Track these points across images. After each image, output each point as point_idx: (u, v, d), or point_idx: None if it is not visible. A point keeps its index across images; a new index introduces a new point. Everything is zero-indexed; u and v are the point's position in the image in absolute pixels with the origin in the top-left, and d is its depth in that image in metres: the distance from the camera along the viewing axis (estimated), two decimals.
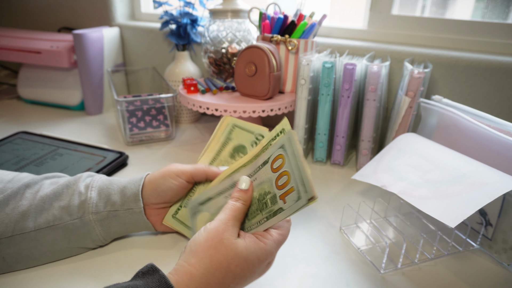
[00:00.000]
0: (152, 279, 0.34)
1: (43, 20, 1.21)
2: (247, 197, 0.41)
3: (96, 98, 1.03)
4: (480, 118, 0.57)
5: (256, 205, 0.41)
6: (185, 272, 0.35)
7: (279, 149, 0.40)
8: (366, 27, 0.90)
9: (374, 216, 0.60)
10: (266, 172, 0.41)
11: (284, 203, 0.38)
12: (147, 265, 0.36)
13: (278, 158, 0.40)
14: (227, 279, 0.36)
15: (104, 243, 0.50)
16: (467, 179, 0.49)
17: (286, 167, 0.39)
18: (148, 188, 0.49)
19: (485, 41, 0.79)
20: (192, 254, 0.36)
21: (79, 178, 0.49)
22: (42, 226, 0.45)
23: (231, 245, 0.36)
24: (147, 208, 0.50)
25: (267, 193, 0.40)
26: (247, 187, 0.41)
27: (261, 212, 0.40)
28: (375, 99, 0.69)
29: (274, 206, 0.39)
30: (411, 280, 0.47)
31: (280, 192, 0.39)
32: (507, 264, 0.50)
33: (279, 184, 0.39)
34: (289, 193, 0.38)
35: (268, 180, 0.40)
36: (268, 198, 0.40)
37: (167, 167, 0.49)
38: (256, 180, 0.42)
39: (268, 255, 0.38)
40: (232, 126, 0.53)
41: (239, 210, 0.40)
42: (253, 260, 0.37)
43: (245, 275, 0.37)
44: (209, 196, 0.46)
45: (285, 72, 0.80)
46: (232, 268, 0.36)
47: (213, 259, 0.35)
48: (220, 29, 0.85)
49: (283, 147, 0.40)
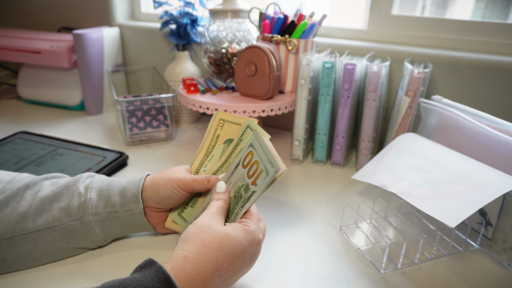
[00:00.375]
0: (150, 271, 0.34)
1: (43, 20, 1.21)
2: (225, 197, 0.45)
3: (96, 98, 1.03)
4: (480, 118, 0.57)
5: (233, 202, 0.45)
6: (179, 257, 0.36)
7: (248, 148, 0.44)
8: (366, 27, 0.90)
9: (374, 216, 0.60)
10: (238, 172, 0.45)
11: (256, 186, 0.41)
12: (145, 260, 0.36)
13: (248, 155, 0.44)
14: (220, 258, 0.37)
15: (104, 243, 0.50)
16: (467, 179, 0.49)
17: (255, 158, 0.43)
18: (148, 191, 0.49)
19: (485, 41, 0.79)
20: (184, 242, 0.38)
21: (79, 179, 0.49)
22: (41, 227, 0.45)
23: (220, 228, 0.39)
24: (147, 209, 0.49)
25: (240, 187, 0.44)
26: (223, 190, 0.45)
27: (237, 204, 0.44)
28: (375, 99, 0.69)
29: (248, 193, 0.42)
30: (411, 280, 0.47)
31: (251, 180, 0.42)
32: (507, 264, 0.50)
33: (249, 174, 0.42)
34: (259, 176, 0.41)
35: (241, 176, 0.44)
36: (242, 190, 0.43)
37: (170, 174, 0.49)
38: (231, 183, 0.46)
39: (254, 233, 0.41)
40: (219, 120, 0.53)
41: (221, 206, 0.43)
42: (242, 239, 0.39)
43: (237, 254, 0.38)
44: (195, 216, 0.48)
45: (285, 72, 0.80)
46: (223, 247, 0.37)
47: (205, 240, 0.38)
48: (220, 29, 0.85)
49: (251, 145, 0.44)
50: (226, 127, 0.53)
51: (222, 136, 0.53)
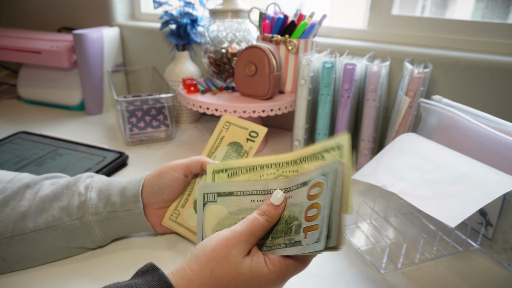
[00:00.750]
0: (152, 278, 0.34)
1: (43, 20, 1.21)
2: (275, 214, 0.38)
3: (96, 98, 1.03)
4: (480, 118, 0.57)
5: (283, 225, 0.37)
6: (185, 277, 0.35)
7: (322, 176, 0.36)
8: (366, 27, 0.90)
9: (374, 216, 0.60)
10: (302, 195, 0.37)
11: (305, 238, 0.35)
12: (146, 264, 0.36)
13: (317, 185, 0.36)
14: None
15: (104, 243, 0.50)
16: (467, 179, 0.49)
17: (320, 200, 0.35)
18: (147, 190, 0.49)
19: (485, 41, 0.79)
20: (195, 260, 0.35)
21: (79, 179, 0.49)
22: (41, 226, 0.45)
23: (235, 264, 0.35)
24: (147, 209, 0.50)
25: (295, 218, 0.37)
26: (279, 203, 0.38)
27: (284, 236, 0.37)
28: (375, 99, 0.69)
29: (296, 235, 0.35)
30: (411, 280, 0.47)
31: (305, 224, 0.35)
32: (507, 264, 0.50)
33: (308, 215, 0.35)
34: (312, 230, 0.34)
35: (300, 205, 0.37)
36: (294, 224, 0.36)
37: (162, 165, 0.50)
38: (291, 198, 0.38)
39: (271, 283, 0.36)
40: (226, 123, 0.54)
41: (260, 226, 0.37)
42: (253, 285, 0.35)
43: None
44: (232, 190, 0.41)
45: (285, 72, 0.80)
46: (231, 287, 0.35)
47: (214, 272, 0.34)
48: (220, 29, 0.85)
49: (326, 175, 0.36)
50: (231, 129, 0.53)
51: (226, 138, 0.54)
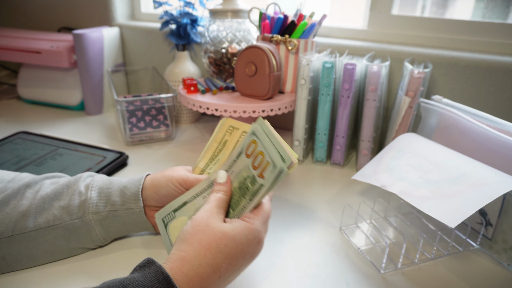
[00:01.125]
0: (149, 271, 0.34)
1: (43, 20, 1.21)
2: (226, 188, 0.43)
3: (96, 98, 1.03)
4: (480, 118, 0.57)
5: (237, 194, 0.43)
6: (177, 258, 0.36)
7: (250, 136, 0.43)
8: (366, 27, 0.90)
9: (374, 216, 0.60)
10: (242, 161, 0.43)
11: (263, 179, 0.40)
12: (144, 259, 0.36)
13: (251, 144, 0.42)
14: (218, 259, 0.37)
15: (104, 243, 0.50)
16: (467, 179, 0.49)
17: (260, 148, 0.41)
18: (149, 190, 0.49)
19: (485, 41, 0.79)
20: (182, 242, 0.38)
21: (79, 178, 0.49)
22: (42, 225, 0.45)
23: (218, 227, 0.38)
24: (147, 208, 0.50)
25: (246, 178, 0.42)
26: (225, 180, 0.43)
27: (244, 197, 0.42)
28: (375, 99, 0.69)
29: (255, 186, 0.41)
30: (411, 280, 0.47)
31: (257, 172, 0.40)
32: (507, 264, 0.50)
33: (255, 165, 0.41)
34: (266, 168, 0.39)
35: (245, 167, 0.42)
36: (248, 182, 0.42)
37: (171, 172, 0.49)
38: (234, 172, 0.44)
39: (256, 232, 0.39)
40: (229, 127, 0.53)
41: (221, 200, 0.42)
42: (241, 239, 0.38)
43: (236, 254, 0.38)
44: (184, 200, 0.47)
45: (285, 72, 0.80)
46: (221, 248, 0.37)
47: (202, 241, 0.37)
48: (220, 29, 0.85)
49: (253, 133, 0.43)
50: (234, 134, 0.53)
51: (230, 142, 0.53)
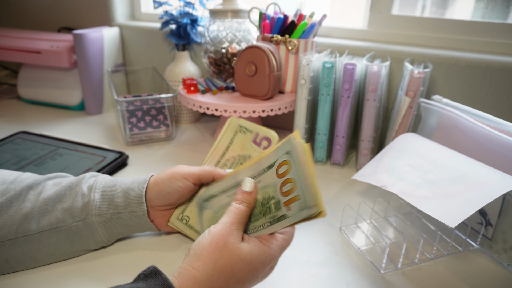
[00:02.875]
0: (155, 282, 0.33)
1: (43, 20, 1.21)
2: (251, 199, 0.41)
3: (96, 98, 1.03)
4: (480, 118, 0.57)
5: (259, 208, 0.41)
6: (189, 276, 0.35)
7: (285, 154, 0.39)
8: (366, 27, 0.90)
9: (374, 216, 0.60)
10: (271, 177, 0.40)
11: (288, 210, 0.37)
12: (149, 267, 0.35)
13: (284, 164, 0.39)
14: (230, 283, 0.36)
15: (107, 244, 0.50)
16: (467, 179, 0.49)
17: (292, 175, 0.38)
18: (153, 190, 0.48)
19: (485, 41, 0.79)
20: (196, 257, 0.36)
21: (82, 179, 0.49)
22: (45, 228, 0.45)
23: (236, 250, 0.36)
24: (151, 210, 0.49)
25: (271, 198, 0.40)
26: (251, 189, 0.41)
27: (264, 216, 0.40)
28: (375, 99, 0.69)
29: (278, 212, 0.38)
30: (411, 280, 0.47)
31: (284, 199, 0.38)
32: (507, 264, 0.50)
33: (283, 191, 0.38)
34: (294, 201, 0.37)
35: (273, 185, 0.40)
36: (272, 203, 0.39)
37: (174, 169, 0.49)
38: (261, 182, 0.41)
39: (272, 259, 0.38)
40: (238, 127, 0.53)
41: (243, 213, 0.40)
42: (257, 264, 0.37)
43: (248, 279, 0.37)
44: (211, 193, 0.47)
45: (285, 72, 0.80)
46: (236, 272, 0.36)
47: (218, 263, 0.35)
48: (220, 29, 0.85)
49: (289, 153, 0.39)
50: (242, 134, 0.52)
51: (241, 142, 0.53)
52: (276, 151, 0.40)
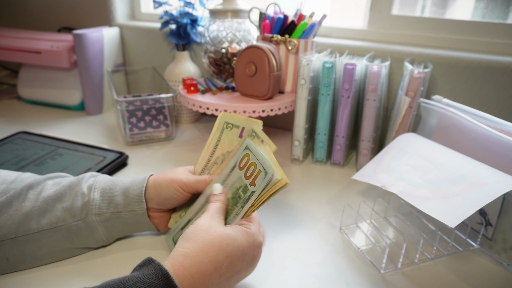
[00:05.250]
0: (148, 268, 0.35)
1: (43, 20, 1.21)
2: (223, 198, 0.45)
3: (96, 98, 1.03)
4: (480, 118, 0.57)
5: (231, 203, 0.45)
6: (179, 254, 0.37)
7: (244, 150, 0.45)
8: (366, 27, 0.90)
9: (374, 216, 0.60)
10: (235, 174, 0.45)
11: (254, 186, 0.42)
12: (144, 259, 0.37)
13: (244, 157, 0.45)
14: (220, 257, 0.37)
15: (107, 243, 0.50)
16: (467, 179, 0.49)
17: (252, 159, 0.43)
18: (151, 192, 0.49)
19: (485, 41, 0.79)
20: (185, 240, 0.38)
21: (82, 179, 0.49)
22: (45, 227, 0.45)
23: (219, 229, 0.39)
24: (150, 209, 0.49)
25: (238, 188, 0.44)
26: (220, 191, 0.46)
27: (236, 205, 0.44)
28: (375, 99, 0.69)
29: (246, 193, 0.43)
30: (411, 280, 0.47)
31: (249, 181, 0.43)
32: (507, 264, 0.50)
33: (247, 175, 0.43)
34: (257, 176, 0.42)
35: (238, 178, 0.45)
36: (240, 191, 0.44)
37: (172, 175, 0.49)
38: (228, 185, 0.46)
39: (254, 236, 0.41)
40: (224, 124, 0.52)
41: (219, 207, 0.43)
42: (242, 241, 0.39)
43: (237, 255, 0.38)
44: (189, 218, 0.49)
45: (285, 72, 0.80)
46: (223, 246, 0.38)
47: (205, 239, 0.38)
48: (220, 29, 0.85)
49: (247, 147, 0.45)
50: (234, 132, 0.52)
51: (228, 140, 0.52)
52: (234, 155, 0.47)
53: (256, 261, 0.42)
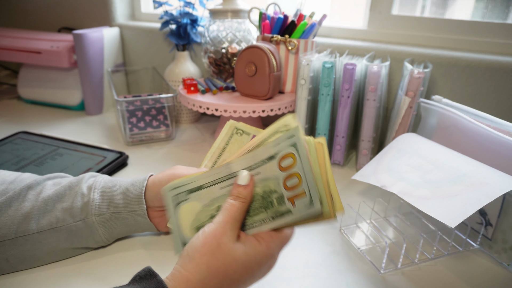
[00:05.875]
0: (150, 284, 0.33)
1: (43, 20, 1.21)
2: (247, 193, 0.37)
3: (96, 98, 1.03)
4: (480, 118, 0.57)
5: (259, 201, 0.38)
6: (181, 278, 0.34)
7: (290, 147, 0.36)
8: (366, 27, 0.90)
9: (374, 216, 0.60)
10: (272, 169, 0.37)
11: (293, 207, 0.35)
12: (144, 268, 0.35)
13: (287, 156, 0.36)
14: (225, 285, 0.35)
15: (107, 243, 0.50)
16: (467, 179, 0.49)
17: (297, 169, 0.35)
18: (151, 191, 0.48)
19: (485, 41, 0.79)
20: (188, 259, 0.35)
21: (82, 179, 0.49)
22: (45, 228, 0.45)
23: (229, 251, 0.35)
24: (150, 210, 0.49)
25: (272, 192, 0.37)
26: (246, 182, 0.38)
27: (265, 210, 0.37)
28: (375, 99, 0.69)
29: (281, 207, 0.36)
30: (411, 280, 0.47)
31: (288, 194, 0.36)
32: (507, 264, 0.50)
33: (287, 185, 0.36)
34: (299, 197, 0.35)
35: (275, 178, 0.37)
36: (274, 197, 0.37)
37: (172, 172, 0.48)
38: (260, 174, 0.38)
39: (269, 258, 0.37)
40: (234, 129, 0.52)
41: (238, 210, 0.37)
42: (252, 265, 0.36)
43: (244, 280, 0.36)
44: (200, 184, 0.41)
45: (285, 72, 0.80)
46: (230, 274, 0.35)
47: (210, 265, 0.34)
48: (220, 29, 0.85)
49: (294, 146, 0.36)
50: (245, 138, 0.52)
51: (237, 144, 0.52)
52: (277, 141, 0.37)
53: (264, 276, 0.39)
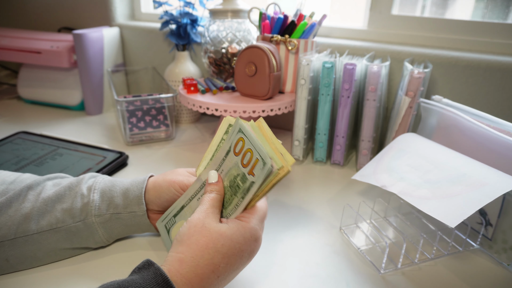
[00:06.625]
0: (148, 273, 0.34)
1: (43, 20, 1.21)
2: (219, 187, 0.43)
3: (96, 98, 1.03)
4: (480, 118, 0.57)
5: (229, 192, 0.43)
6: (174, 260, 0.36)
7: (237, 133, 0.42)
8: (366, 27, 0.90)
9: (374, 216, 0.60)
10: (230, 160, 0.43)
11: (254, 176, 0.39)
12: (143, 261, 0.36)
13: (239, 141, 0.42)
14: (216, 259, 0.37)
15: (107, 243, 0.50)
16: (467, 179, 0.49)
17: (247, 145, 0.41)
18: (151, 194, 0.49)
19: (485, 41, 0.79)
20: (179, 243, 0.38)
21: (82, 180, 0.49)
22: (44, 228, 0.45)
23: (214, 228, 0.38)
24: (149, 211, 0.49)
25: (236, 176, 0.42)
26: (216, 179, 0.43)
27: (235, 195, 0.42)
28: (375, 99, 0.69)
29: (246, 183, 0.41)
30: (411, 280, 0.47)
31: (247, 169, 0.40)
32: (507, 264, 0.50)
33: (244, 163, 0.41)
34: (255, 166, 0.39)
35: (235, 165, 0.42)
36: (238, 179, 0.42)
37: (172, 177, 0.49)
38: (223, 171, 0.44)
39: (252, 230, 0.40)
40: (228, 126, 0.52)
41: (215, 199, 0.42)
42: (238, 238, 0.38)
43: (234, 254, 0.38)
44: (182, 204, 0.47)
45: (285, 72, 0.80)
46: (218, 247, 0.37)
47: (199, 242, 0.37)
48: (220, 29, 0.85)
49: (240, 131, 0.42)
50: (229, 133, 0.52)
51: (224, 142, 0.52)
52: (227, 137, 0.44)
53: (254, 254, 0.41)
